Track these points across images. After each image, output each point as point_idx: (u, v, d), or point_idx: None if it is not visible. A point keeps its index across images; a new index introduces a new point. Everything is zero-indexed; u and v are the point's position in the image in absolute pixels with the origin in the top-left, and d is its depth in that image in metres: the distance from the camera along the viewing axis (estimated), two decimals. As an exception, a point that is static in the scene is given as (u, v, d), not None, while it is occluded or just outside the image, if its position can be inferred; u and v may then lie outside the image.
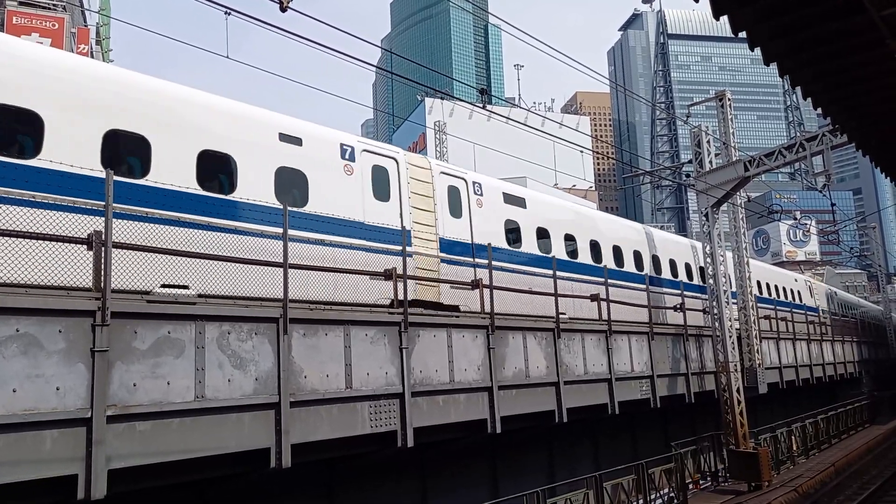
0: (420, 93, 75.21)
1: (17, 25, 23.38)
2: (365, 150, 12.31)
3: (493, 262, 12.34)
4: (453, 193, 13.85)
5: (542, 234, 15.96)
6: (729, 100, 21.66)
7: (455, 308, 12.42)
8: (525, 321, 12.89)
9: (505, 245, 14.68)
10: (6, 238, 6.69)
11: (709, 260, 19.64)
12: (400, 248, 10.97)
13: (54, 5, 25.34)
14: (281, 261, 8.70)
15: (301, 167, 11.08)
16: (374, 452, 10.34)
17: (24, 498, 6.45)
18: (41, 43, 21.19)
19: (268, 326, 8.34)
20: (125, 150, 9.26)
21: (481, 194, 14.48)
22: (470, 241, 13.74)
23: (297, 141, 11.21)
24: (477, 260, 13.39)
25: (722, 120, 21.58)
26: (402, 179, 12.72)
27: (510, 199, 15.38)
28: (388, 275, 10.54)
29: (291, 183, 10.92)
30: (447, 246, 13.18)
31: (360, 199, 11.80)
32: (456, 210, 13.76)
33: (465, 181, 14.24)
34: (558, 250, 16.12)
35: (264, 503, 10.20)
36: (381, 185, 12.34)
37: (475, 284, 12.20)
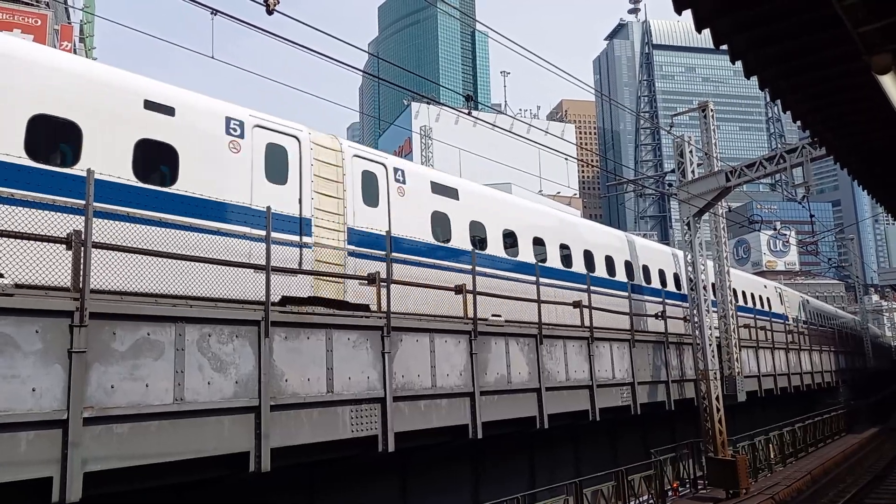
0: (407, 97, 75.29)
1: (-2, 21, 23.09)
2: None
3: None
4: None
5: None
6: (712, 110, 21.92)
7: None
8: (508, 327, 12.92)
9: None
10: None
11: (690, 268, 19.85)
12: None
13: (37, 1, 25.02)
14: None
15: None
16: (355, 455, 10.30)
17: (-3, 500, 6.35)
18: (24, 39, 20.94)
19: (249, 329, 8.28)
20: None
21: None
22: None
23: None
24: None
25: (704, 130, 21.83)
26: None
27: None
28: (371, 279, 10.53)
29: None
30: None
31: None
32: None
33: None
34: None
35: (243, 507, 10.13)
36: None
37: (458, 289, 12.20)
